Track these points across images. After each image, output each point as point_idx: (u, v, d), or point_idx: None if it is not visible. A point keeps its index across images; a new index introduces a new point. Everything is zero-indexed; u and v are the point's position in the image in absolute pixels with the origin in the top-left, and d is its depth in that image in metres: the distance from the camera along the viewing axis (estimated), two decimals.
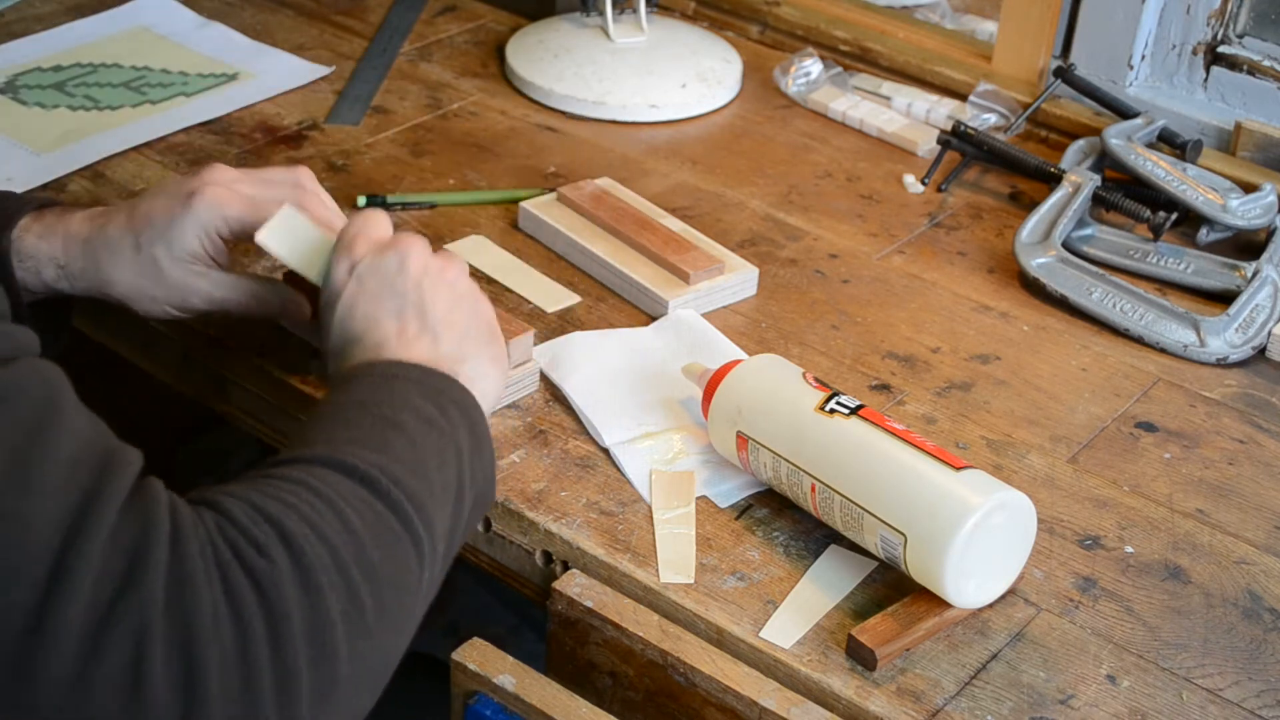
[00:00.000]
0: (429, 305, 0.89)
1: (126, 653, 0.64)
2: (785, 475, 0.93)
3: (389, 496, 0.76)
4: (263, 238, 0.94)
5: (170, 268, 0.97)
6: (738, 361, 0.99)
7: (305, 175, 1.00)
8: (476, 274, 1.17)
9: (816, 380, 0.95)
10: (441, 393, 0.85)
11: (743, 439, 0.95)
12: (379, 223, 0.93)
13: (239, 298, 0.99)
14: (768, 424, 0.94)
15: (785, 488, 0.94)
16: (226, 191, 0.97)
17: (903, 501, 0.87)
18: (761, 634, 0.88)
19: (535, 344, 1.06)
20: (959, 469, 0.87)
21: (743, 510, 0.97)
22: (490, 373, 0.92)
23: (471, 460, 0.84)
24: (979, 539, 0.85)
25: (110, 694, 0.64)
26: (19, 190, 1.21)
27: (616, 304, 1.15)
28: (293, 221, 0.95)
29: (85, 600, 0.64)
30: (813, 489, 0.91)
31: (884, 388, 1.09)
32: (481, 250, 1.20)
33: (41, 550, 0.64)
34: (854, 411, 0.92)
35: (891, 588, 0.91)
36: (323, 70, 1.46)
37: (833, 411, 0.92)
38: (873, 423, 0.91)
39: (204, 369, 1.10)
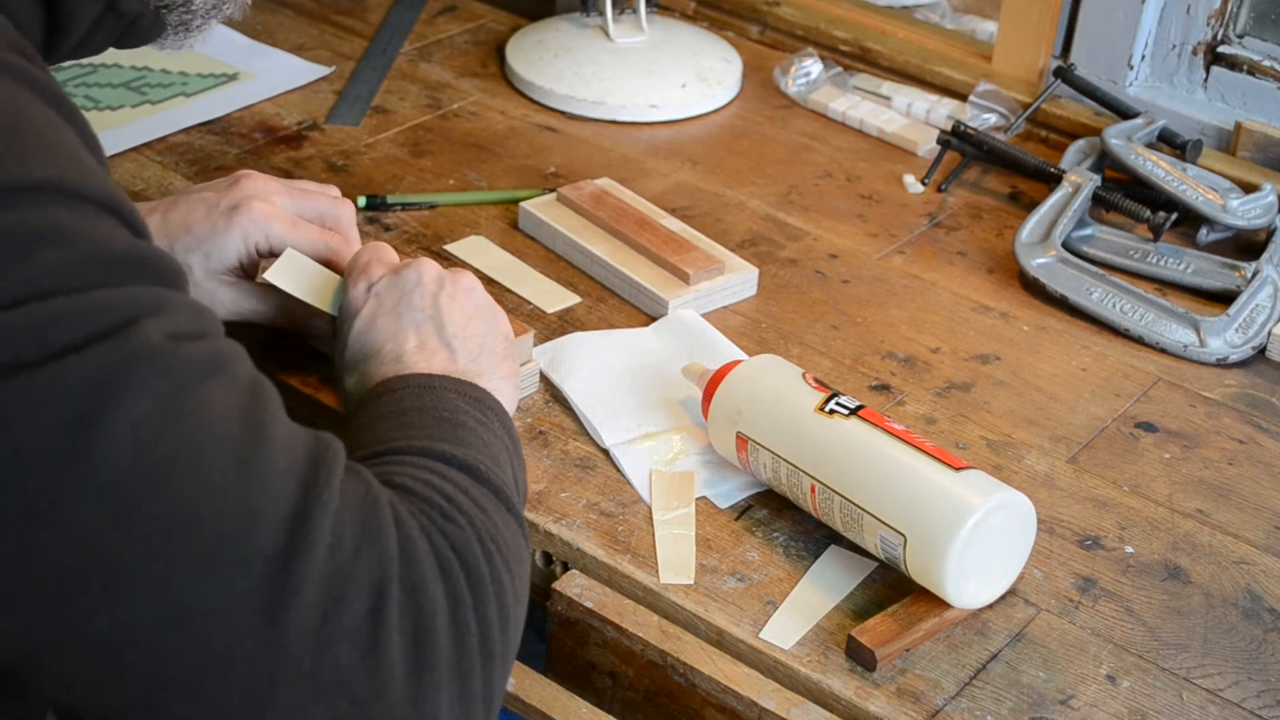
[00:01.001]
0: (446, 319, 0.91)
1: (367, 603, 0.66)
2: (785, 476, 0.93)
3: (497, 489, 0.78)
4: (271, 277, 0.95)
5: (203, 278, 0.99)
6: (738, 362, 0.99)
7: (336, 192, 1.06)
8: (476, 274, 1.17)
9: (816, 381, 0.95)
10: (479, 400, 0.87)
11: (742, 439, 0.95)
12: (389, 250, 0.96)
13: (265, 308, 1.01)
14: (767, 424, 0.94)
15: (785, 488, 0.94)
16: (270, 208, 0.99)
17: (902, 502, 0.87)
18: (761, 634, 0.88)
19: (535, 344, 1.06)
20: (959, 469, 0.87)
21: (743, 511, 0.97)
22: (505, 389, 0.93)
23: (514, 462, 0.85)
24: (979, 539, 0.85)
25: (351, 643, 0.65)
26: None
27: (616, 304, 1.15)
28: (297, 260, 0.97)
29: (326, 550, 0.65)
30: (812, 489, 0.91)
31: (884, 388, 1.09)
32: (481, 250, 1.20)
33: (282, 497, 0.65)
34: (854, 412, 0.92)
35: (891, 588, 0.91)
36: (323, 70, 1.46)
37: (832, 412, 0.92)
38: (872, 423, 0.91)
39: None
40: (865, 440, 0.90)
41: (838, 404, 0.92)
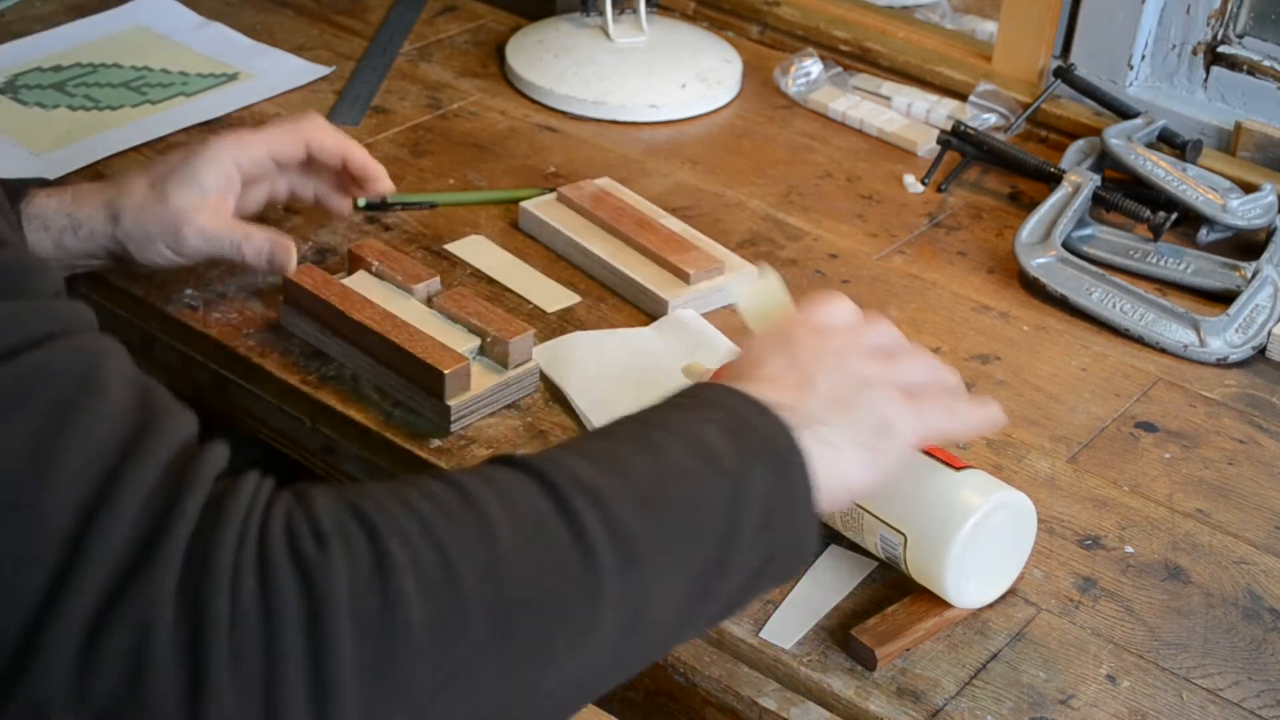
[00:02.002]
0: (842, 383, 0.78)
1: (127, 644, 0.58)
2: None
3: (568, 506, 0.65)
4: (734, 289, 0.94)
5: (175, 196, 1.03)
6: None
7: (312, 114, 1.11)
8: (477, 274, 1.17)
9: None
10: (751, 429, 0.73)
11: None
12: (848, 306, 0.86)
13: (232, 237, 1.04)
14: None
15: None
16: (243, 136, 1.06)
17: (902, 502, 0.87)
18: (761, 634, 0.88)
19: (535, 344, 1.06)
20: (959, 469, 0.87)
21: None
22: (857, 459, 0.77)
23: (766, 508, 0.71)
24: (979, 539, 0.85)
25: (110, 686, 0.58)
26: None
27: (616, 304, 1.15)
28: (771, 284, 0.93)
29: (93, 589, 0.59)
30: None
31: None
32: (481, 250, 1.20)
33: (56, 539, 0.59)
34: None
35: (891, 588, 0.91)
36: (323, 70, 1.46)
37: None
38: None
39: (204, 369, 1.10)
40: None
41: None
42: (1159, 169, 1.27)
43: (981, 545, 0.86)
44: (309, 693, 0.59)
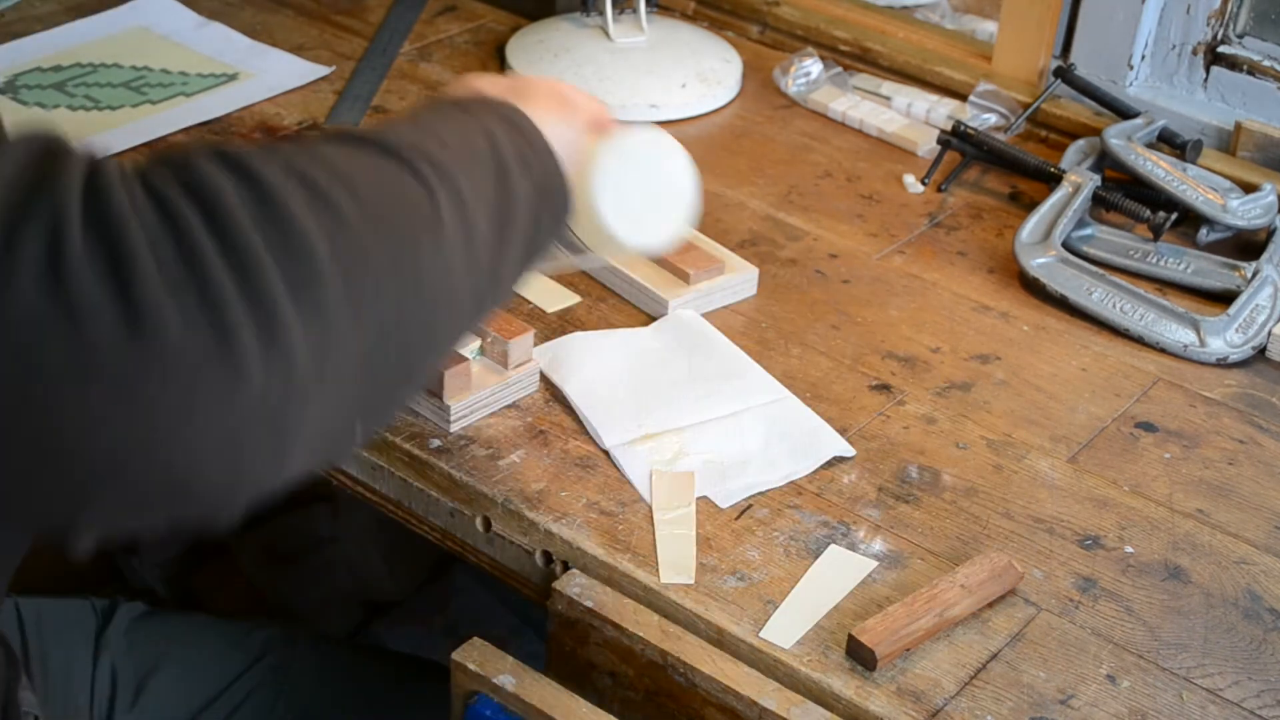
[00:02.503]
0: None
1: (43, 239, 0.59)
2: None
3: (374, 138, 0.73)
4: None
5: None
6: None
7: None
8: None
9: None
10: (483, 102, 0.85)
11: None
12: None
13: None
14: None
15: None
16: None
17: None
18: (761, 634, 0.88)
19: (535, 344, 1.06)
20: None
21: (743, 510, 0.97)
22: (564, 125, 0.88)
23: (516, 144, 0.81)
24: (617, 177, 0.89)
25: (31, 284, 0.59)
26: None
27: (616, 304, 1.15)
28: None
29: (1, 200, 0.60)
30: None
31: (884, 388, 1.09)
32: None
33: None
34: None
35: (892, 588, 0.91)
36: (323, 70, 1.46)
37: None
38: None
39: None
40: None
41: None
42: (1159, 169, 1.27)
43: (623, 182, 0.89)
44: (231, 265, 0.61)
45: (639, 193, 0.91)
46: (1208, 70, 1.37)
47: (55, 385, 0.59)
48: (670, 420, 1.03)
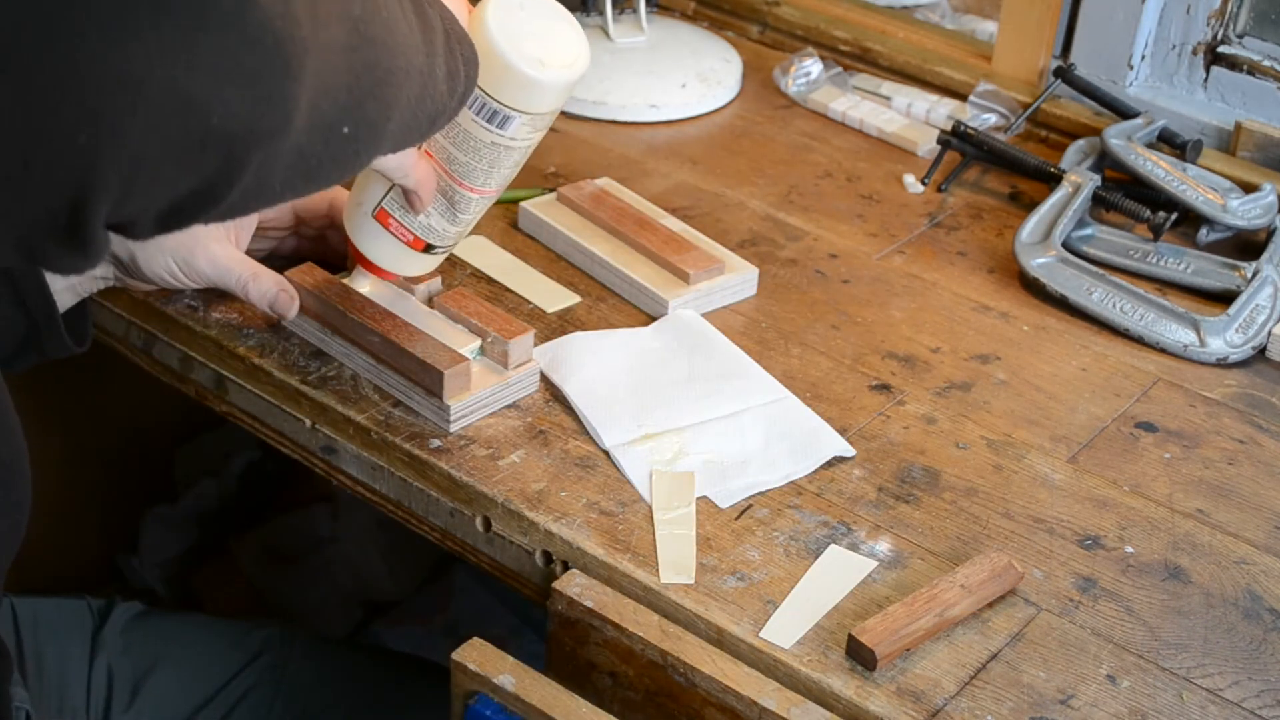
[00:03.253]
0: None
1: None
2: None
3: None
4: None
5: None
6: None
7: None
8: (477, 274, 1.17)
9: None
10: None
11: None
12: None
13: (240, 273, 1.04)
14: None
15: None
16: None
17: None
18: (761, 634, 0.88)
19: (535, 344, 1.06)
20: None
21: (743, 510, 0.97)
22: None
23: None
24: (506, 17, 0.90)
25: None
26: None
27: (616, 304, 1.15)
28: None
29: None
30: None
31: (884, 388, 1.09)
32: (481, 250, 1.20)
33: None
34: None
35: (892, 588, 0.91)
36: None
37: None
38: None
39: (204, 369, 1.10)
40: None
41: None
42: (1159, 169, 1.27)
43: (517, 17, 0.91)
44: None
45: (531, 28, 0.92)
46: (1208, 70, 1.37)
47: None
48: (670, 420, 1.03)
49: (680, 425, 1.03)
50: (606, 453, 1.00)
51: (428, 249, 1.02)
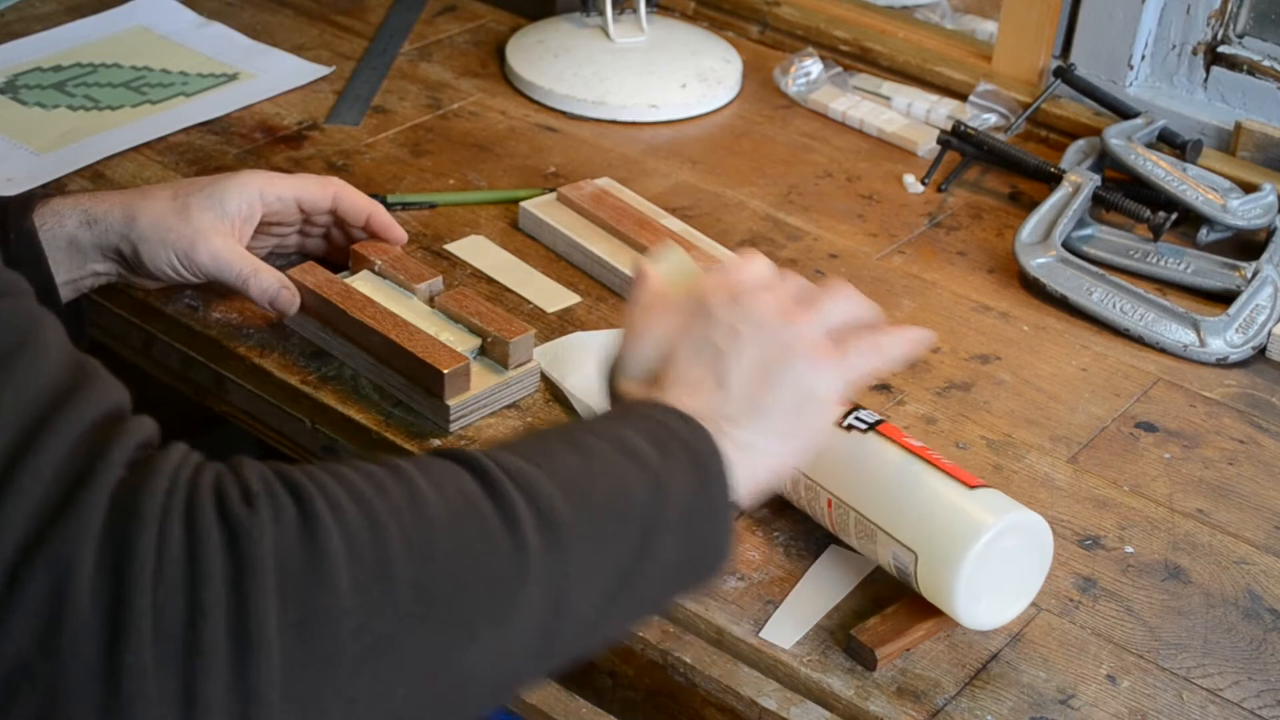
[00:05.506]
0: (745, 362, 0.79)
1: (47, 583, 0.57)
2: (803, 490, 0.92)
3: (498, 488, 0.66)
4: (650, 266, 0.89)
5: (198, 215, 1.04)
6: None
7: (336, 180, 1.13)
8: (477, 274, 1.17)
9: None
10: (673, 434, 0.75)
11: None
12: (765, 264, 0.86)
13: (241, 268, 1.04)
14: None
15: (804, 503, 0.93)
16: (274, 174, 1.07)
17: (915, 518, 0.86)
18: (761, 634, 0.88)
19: (535, 344, 1.06)
20: (973, 487, 0.86)
21: (743, 510, 0.97)
22: (776, 452, 0.80)
23: (687, 507, 0.72)
24: (990, 559, 0.84)
25: (28, 627, 0.57)
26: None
27: (616, 304, 1.15)
28: (680, 258, 0.90)
29: (13, 534, 0.57)
30: (829, 504, 0.91)
31: (884, 388, 1.08)
32: (481, 250, 1.20)
33: None
34: (872, 427, 0.91)
35: (891, 588, 0.91)
36: (323, 70, 1.46)
37: (850, 427, 0.91)
38: (890, 438, 0.90)
39: (204, 369, 1.10)
40: (881, 455, 0.89)
41: (857, 419, 0.91)
42: (1159, 169, 1.27)
43: (993, 566, 0.84)
44: (231, 649, 0.58)
45: (995, 577, 0.85)
46: (1208, 70, 1.37)
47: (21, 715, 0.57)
48: None
49: None
50: None
51: None
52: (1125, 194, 1.27)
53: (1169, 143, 1.33)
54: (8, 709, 0.57)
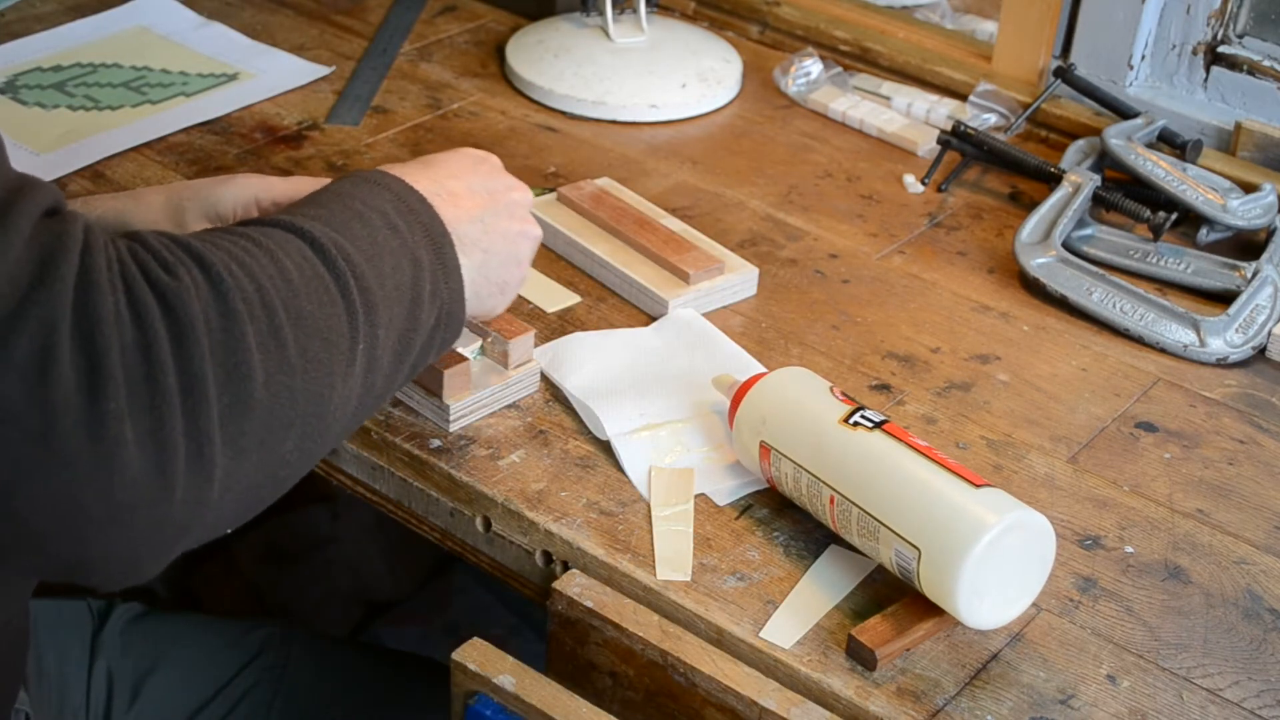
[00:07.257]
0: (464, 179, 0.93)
1: (36, 342, 0.65)
2: (805, 486, 0.92)
3: (332, 262, 0.77)
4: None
5: (192, 219, 1.02)
6: (764, 374, 0.99)
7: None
8: None
9: (844, 394, 0.95)
10: (414, 212, 0.86)
11: (765, 448, 0.94)
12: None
13: None
14: (791, 434, 0.93)
15: (805, 499, 0.93)
16: (268, 177, 1.06)
17: (918, 516, 0.86)
18: (761, 634, 0.88)
19: (535, 344, 1.06)
20: (978, 486, 0.86)
21: (743, 510, 0.97)
22: (495, 250, 0.92)
23: (434, 275, 0.85)
24: (993, 557, 0.84)
25: (17, 381, 0.64)
26: None
27: (616, 304, 1.15)
28: None
29: (3, 296, 0.65)
30: (831, 500, 0.91)
31: (884, 388, 1.09)
32: None
33: None
34: (877, 426, 0.91)
35: (891, 588, 0.91)
36: (323, 70, 1.46)
37: (856, 425, 0.91)
38: (895, 438, 0.90)
39: None
40: (886, 454, 0.89)
41: (862, 417, 0.92)
42: (1159, 169, 1.27)
43: (996, 564, 0.84)
44: (182, 400, 0.68)
45: (998, 576, 0.86)
46: (1208, 70, 1.37)
47: (13, 466, 0.65)
48: (671, 412, 1.03)
49: (681, 418, 1.02)
50: (607, 443, 1.00)
51: None
52: (1125, 194, 1.27)
53: (1169, 143, 1.33)
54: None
